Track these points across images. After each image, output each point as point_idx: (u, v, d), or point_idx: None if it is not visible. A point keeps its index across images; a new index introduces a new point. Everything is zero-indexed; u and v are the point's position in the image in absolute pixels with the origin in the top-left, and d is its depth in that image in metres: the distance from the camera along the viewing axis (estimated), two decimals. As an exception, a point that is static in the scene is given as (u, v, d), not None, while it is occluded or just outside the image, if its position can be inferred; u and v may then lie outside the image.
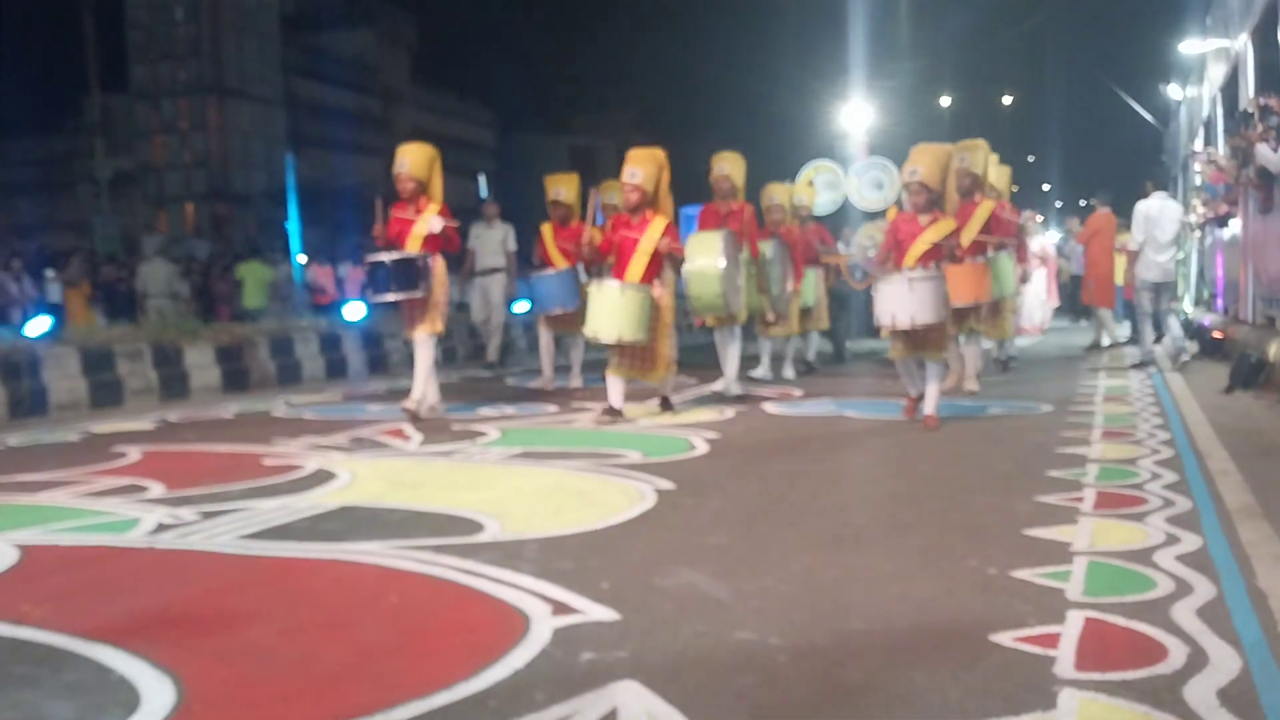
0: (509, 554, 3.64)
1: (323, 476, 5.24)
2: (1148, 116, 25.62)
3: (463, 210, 11.43)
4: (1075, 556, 3.49)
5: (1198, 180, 13.51)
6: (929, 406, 6.47)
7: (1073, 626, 2.81)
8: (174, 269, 16.21)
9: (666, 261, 7.05)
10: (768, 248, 8.97)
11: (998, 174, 9.64)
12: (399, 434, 6.70)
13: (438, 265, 7.26)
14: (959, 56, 35.25)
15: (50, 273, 15.81)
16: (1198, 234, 13.68)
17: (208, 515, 4.34)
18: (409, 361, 11.88)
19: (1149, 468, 5.02)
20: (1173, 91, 23.17)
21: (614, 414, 6.95)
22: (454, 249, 7.68)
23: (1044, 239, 13.26)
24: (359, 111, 63.96)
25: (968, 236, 7.67)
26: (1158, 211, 9.72)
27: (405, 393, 8.68)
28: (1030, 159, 54.41)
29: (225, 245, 22.64)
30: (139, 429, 7.27)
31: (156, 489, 4.96)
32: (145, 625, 2.96)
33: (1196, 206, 13.12)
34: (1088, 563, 3.42)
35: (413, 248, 7.19)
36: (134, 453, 6.14)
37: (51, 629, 2.91)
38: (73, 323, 12.91)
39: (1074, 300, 17.41)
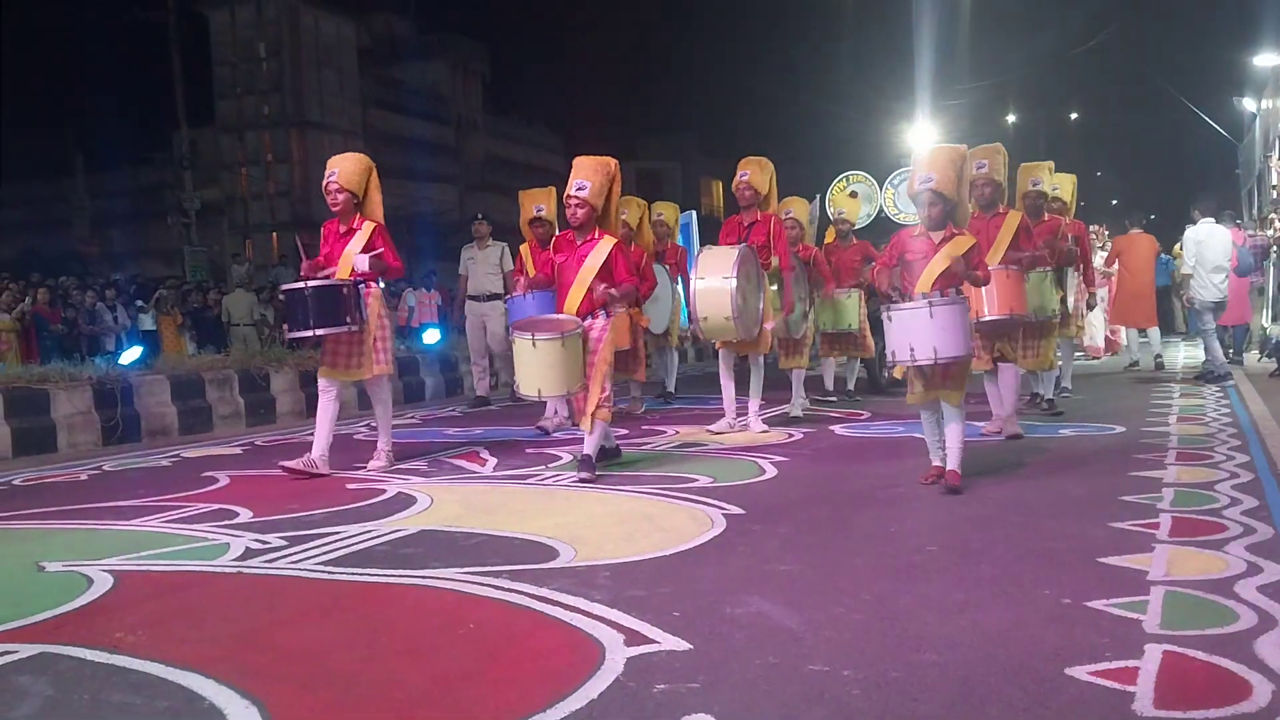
0: (582, 580, 3.70)
1: (403, 500, 5.39)
2: (1220, 130, 24.97)
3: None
4: (1152, 586, 3.43)
5: (1274, 194, 13.15)
6: (952, 460, 5.28)
7: (1151, 661, 2.76)
8: (253, 297, 16.91)
9: (612, 297, 5.99)
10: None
11: (1059, 182, 8.85)
12: (474, 458, 6.84)
13: (373, 294, 6.39)
14: (1025, 74, 34.62)
15: (139, 303, 16.51)
16: (1276, 250, 13.28)
17: (293, 540, 4.49)
18: (444, 390, 11.75)
19: (1227, 492, 4.89)
20: (1247, 104, 22.67)
21: (613, 455, 6.33)
22: (397, 275, 6.78)
23: (1106, 254, 12.52)
24: (433, 140, 65.33)
25: (995, 256, 6.58)
26: (1206, 235, 10.37)
27: (481, 416, 8.79)
28: (1098, 174, 53.29)
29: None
30: (227, 454, 7.53)
31: (244, 514, 5.14)
32: (233, 652, 3.07)
33: (1274, 221, 12.77)
34: (1165, 593, 3.35)
35: (342, 273, 6.31)
36: (223, 478, 6.37)
37: (144, 656, 3.03)
38: (165, 350, 13.41)
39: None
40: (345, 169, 6.45)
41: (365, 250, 6.37)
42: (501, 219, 12.15)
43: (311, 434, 8.18)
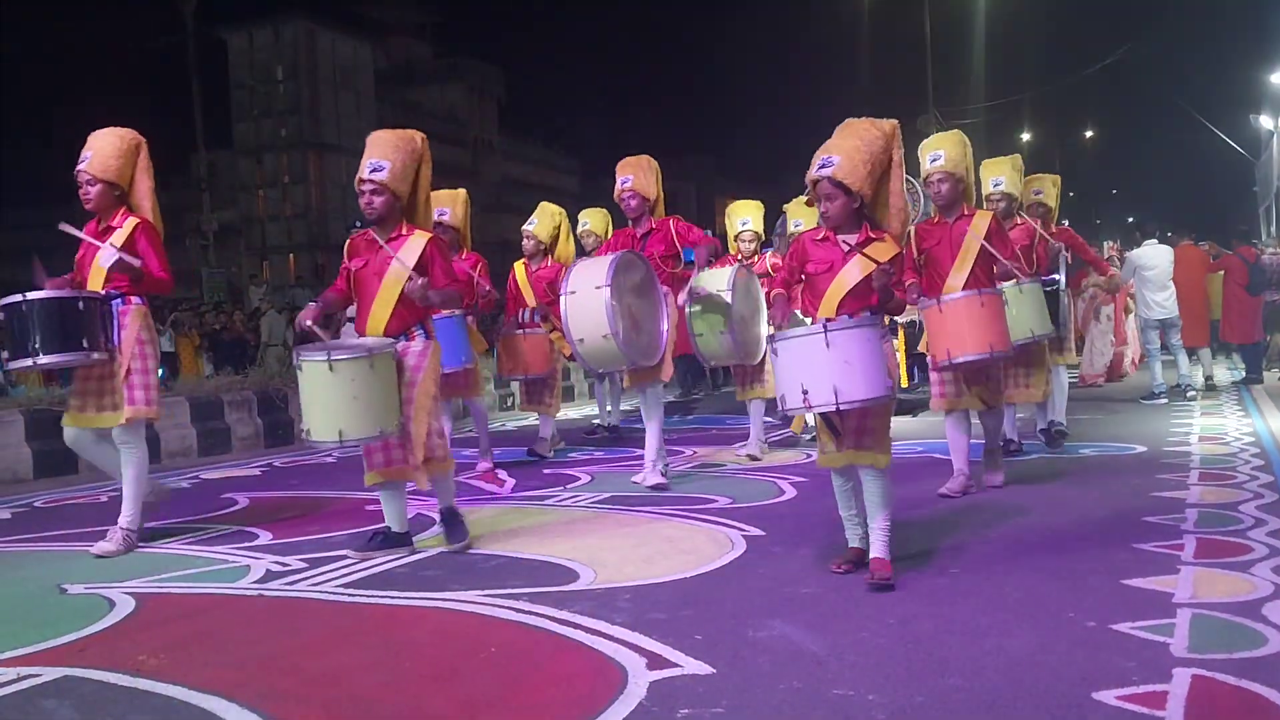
0: (603, 603, 3.69)
1: (422, 522, 5.38)
2: (1237, 148, 24.98)
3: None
4: (1178, 609, 3.40)
5: None
6: (877, 545, 3.97)
7: (1179, 685, 2.74)
8: (282, 318, 17.21)
9: (419, 300, 4.52)
10: (720, 278, 6.60)
11: (1041, 184, 7.58)
12: (492, 478, 6.84)
13: (131, 311, 4.92)
14: (1039, 92, 34.65)
15: (156, 325, 16.66)
16: None
17: (314, 563, 4.49)
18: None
19: (1251, 513, 4.84)
20: (1264, 122, 22.75)
21: (398, 542, 4.66)
22: (161, 288, 5.18)
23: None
24: (450, 162, 65.95)
25: (961, 269, 5.43)
26: (1149, 258, 10.87)
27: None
28: (1114, 192, 53.39)
29: (324, 293, 23.56)
30: (246, 475, 7.56)
31: (264, 536, 5.16)
32: (256, 676, 3.08)
33: None
34: (1191, 615, 3.32)
35: (94, 284, 4.89)
36: (242, 499, 6.39)
37: (167, 680, 3.04)
38: (183, 372, 13.47)
39: None
40: (99, 152, 4.98)
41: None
42: (515, 238, 12.14)
43: (328, 457, 8.23)
